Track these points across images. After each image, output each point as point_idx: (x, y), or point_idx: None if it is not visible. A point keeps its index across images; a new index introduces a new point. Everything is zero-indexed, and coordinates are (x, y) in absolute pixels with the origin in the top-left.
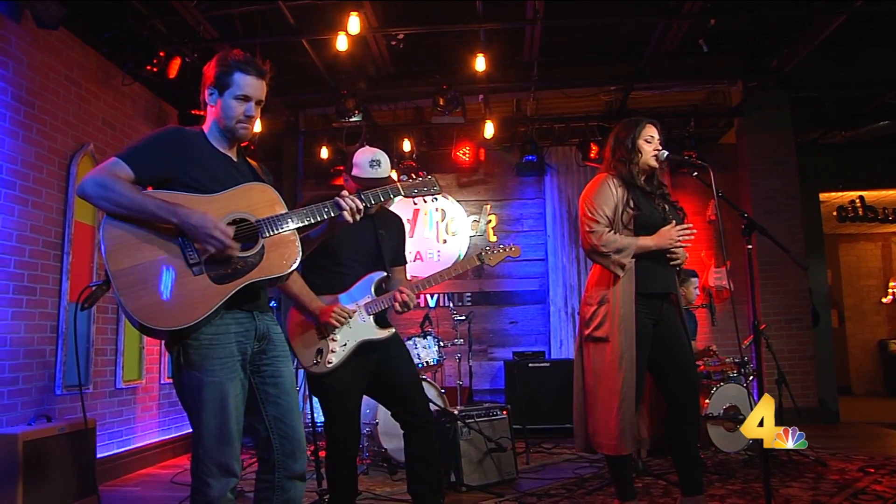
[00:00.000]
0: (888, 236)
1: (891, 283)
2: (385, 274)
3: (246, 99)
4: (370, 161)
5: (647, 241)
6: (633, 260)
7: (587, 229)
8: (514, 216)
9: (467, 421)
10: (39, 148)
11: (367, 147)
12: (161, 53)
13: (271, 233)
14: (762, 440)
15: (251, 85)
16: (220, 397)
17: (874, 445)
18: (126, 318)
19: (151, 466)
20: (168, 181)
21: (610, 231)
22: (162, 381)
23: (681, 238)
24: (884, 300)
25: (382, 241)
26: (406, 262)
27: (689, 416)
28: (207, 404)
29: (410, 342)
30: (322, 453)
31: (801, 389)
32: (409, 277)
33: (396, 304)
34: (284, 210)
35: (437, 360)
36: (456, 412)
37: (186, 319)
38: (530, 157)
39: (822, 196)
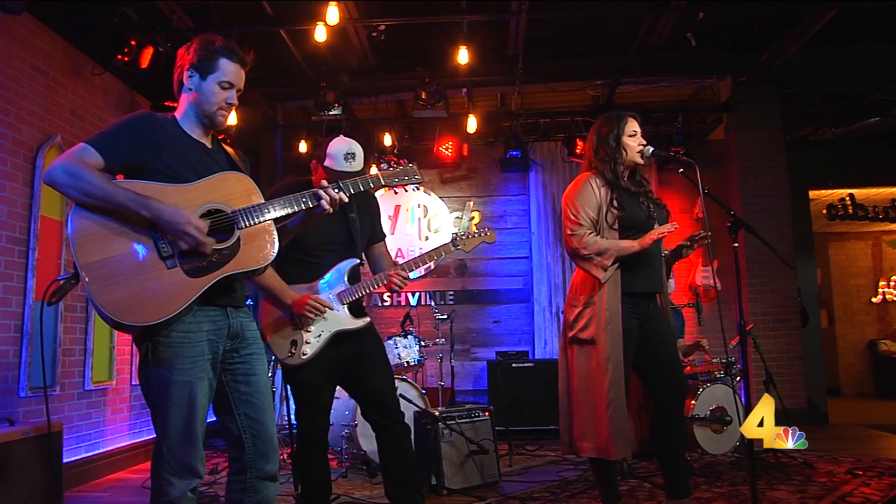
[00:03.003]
0: (878, 235)
1: (881, 283)
2: (357, 261)
3: (230, 86)
4: (345, 154)
5: (629, 244)
6: (617, 265)
7: (569, 232)
8: (498, 213)
9: (449, 422)
10: (3, 139)
11: (342, 137)
12: (133, 42)
13: (247, 224)
14: (749, 442)
15: (236, 72)
16: (188, 396)
17: (863, 447)
18: (97, 313)
19: (121, 471)
20: (140, 169)
21: (592, 233)
22: (133, 383)
23: (663, 232)
24: (874, 300)
25: (353, 225)
26: (385, 236)
27: (676, 418)
28: (175, 403)
29: (391, 342)
30: None
31: (789, 390)
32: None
33: (392, 284)
34: (261, 200)
35: (419, 360)
36: (437, 413)
37: (160, 314)
38: (514, 153)
39: (812, 194)
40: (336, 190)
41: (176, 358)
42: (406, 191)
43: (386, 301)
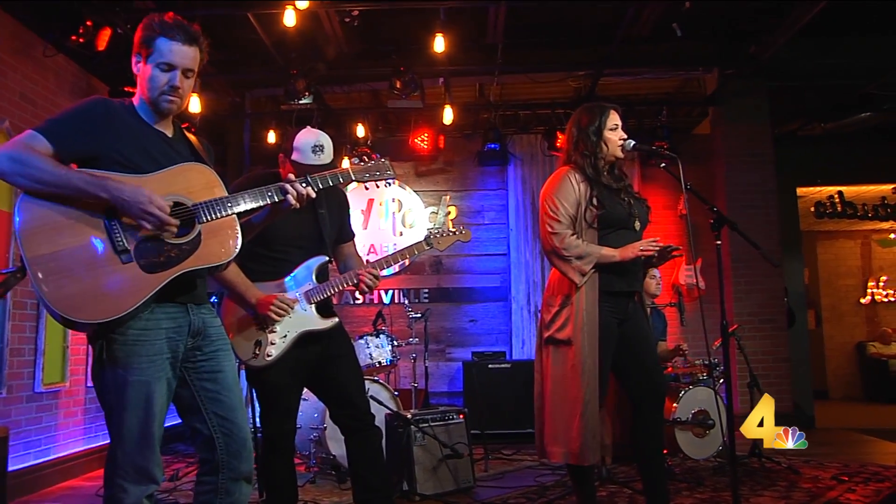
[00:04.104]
0: (868, 234)
1: (870, 283)
2: (326, 259)
3: (170, 67)
4: (313, 146)
5: (610, 253)
6: (594, 271)
7: (549, 230)
8: (475, 208)
9: (421, 425)
10: None
11: (310, 129)
12: (88, 23)
13: (209, 218)
14: (732, 447)
15: (176, 52)
16: (145, 397)
17: (850, 452)
18: (46, 310)
19: (75, 478)
20: (94, 159)
21: (573, 234)
22: (88, 384)
23: (645, 250)
24: (862, 300)
25: (323, 221)
26: (354, 236)
27: (654, 420)
28: (131, 405)
29: (362, 341)
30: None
31: (775, 393)
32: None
33: (363, 283)
34: (224, 193)
35: (391, 361)
36: (410, 416)
37: (113, 311)
38: (493, 146)
39: (800, 191)
40: (304, 184)
41: (132, 357)
42: (378, 187)
43: (358, 299)
